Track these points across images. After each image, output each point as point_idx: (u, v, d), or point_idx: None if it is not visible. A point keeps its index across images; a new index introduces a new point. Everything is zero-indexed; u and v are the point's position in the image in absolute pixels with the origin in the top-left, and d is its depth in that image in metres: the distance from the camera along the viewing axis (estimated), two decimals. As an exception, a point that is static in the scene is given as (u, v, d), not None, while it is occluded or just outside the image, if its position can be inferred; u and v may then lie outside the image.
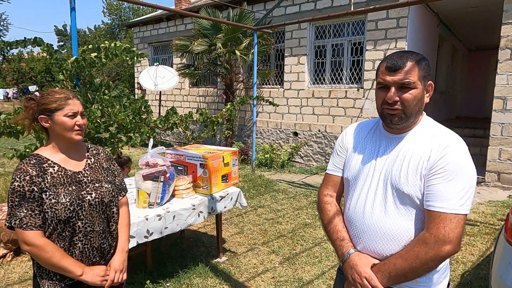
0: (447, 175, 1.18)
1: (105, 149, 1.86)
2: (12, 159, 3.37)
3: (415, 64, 1.23)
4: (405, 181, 1.24)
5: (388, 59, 1.27)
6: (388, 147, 1.34)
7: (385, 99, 1.25)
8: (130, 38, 27.17)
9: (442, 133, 1.28)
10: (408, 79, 1.22)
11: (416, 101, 1.24)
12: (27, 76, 22.81)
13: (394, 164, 1.29)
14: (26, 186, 1.46)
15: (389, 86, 1.25)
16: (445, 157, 1.20)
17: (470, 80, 13.44)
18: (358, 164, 1.40)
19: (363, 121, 1.54)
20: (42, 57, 22.94)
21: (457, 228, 1.16)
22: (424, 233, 1.19)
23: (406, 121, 1.27)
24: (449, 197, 1.17)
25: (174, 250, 3.77)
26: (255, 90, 7.29)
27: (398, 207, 1.26)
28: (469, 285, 3.15)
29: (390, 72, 1.24)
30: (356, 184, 1.39)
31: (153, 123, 4.08)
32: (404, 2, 4.88)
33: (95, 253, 1.64)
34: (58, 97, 1.56)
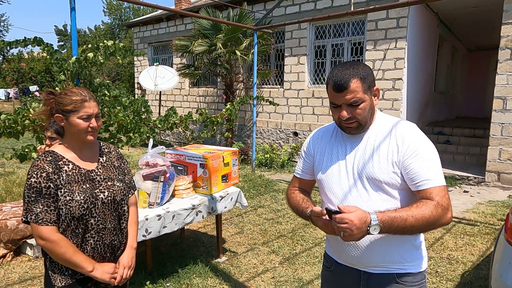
0: (420, 157, 1.33)
1: (116, 147, 1.89)
2: (11, 160, 3.37)
3: (357, 80, 1.33)
4: (378, 170, 1.37)
5: (333, 78, 1.36)
6: (354, 145, 1.47)
7: (339, 116, 1.38)
8: (130, 38, 27.17)
9: (399, 124, 1.43)
10: (355, 97, 1.34)
11: (367, 111, 1.38)
12: (27, 76, 22.80)
13: (365, 158, 1.41)
14: (42, 183, 1.50)
15: (339, 106, 1.37)
16: (412, 144, 1.35)
17: (470, 80, 13.44)
18: (331, 164, 1.51)
19: (322, 127, 1.66)
20: (42, 57, 22.93)
21: (448, 197, 1.33)
22: (431, 201, 1.28)
23: (362, 128, 1.41)
24: (432, 173, 1.32)
25: (174, 250, 3.77)
26: (255, 90, 7.29)
27: (380, 194, 1.39)
28: (469, 285, 3.15)
29: (337, 92, 1.35)
30: (332, 182, 1.49)
31: (153, 123, 4.08)
32: (404, 2, 4.88)
33: (106, 250, 1.68)
34: (74, 99, 1.58)
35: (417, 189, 1.34)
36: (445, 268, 3.41)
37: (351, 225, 1.21)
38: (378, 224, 1.24)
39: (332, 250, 1.59)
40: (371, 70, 1.41)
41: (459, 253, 3.74)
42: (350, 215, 1.22)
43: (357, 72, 1.35)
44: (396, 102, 7.35)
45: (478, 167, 7.08)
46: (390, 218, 1.25)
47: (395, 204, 1.39)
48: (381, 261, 1.42)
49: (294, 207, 1.60)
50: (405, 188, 1.39)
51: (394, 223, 1.25)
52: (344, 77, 1.34)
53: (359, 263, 1.46)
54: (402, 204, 1.38)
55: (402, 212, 1.27)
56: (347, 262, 1.51)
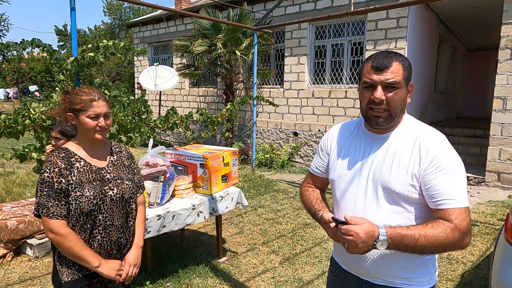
0: (445, 173, 1.21)
1: (126, 147, 1.94)
2: (11, 160, 3.36)
3: (400, 64, 1.25)
4: (396, 180, 1.26)
5: (374, 58, 1.27)
6: (373, 147, 1.36)
7: (372, 98, 1.26)
8: (130, 38, 27.17)
9: (427, 132, 1.30)
10: (395, 78, 1.24)
11: (400, 101, 1.27)
12: (27, 76, 22.79)
13: (383, 164, 1.30)
14: (55, 178, 1.55)
15: (375, 86, 1.25)
16: (437, 157, 1.22)
17: (470, 80, 13.44)
18: (344, 165, 1.41)
19: (345, 122, 1.55)
20: (42, 57, 22.93)
21: (469, 221, 1.22)
22: (449, 224, 1.19)
23: (391, 121, 1.29)
24: (456, 192, 1.21)
25: (174, 250, 3.77)
26: (255, 90, 7.29)
27: (392, 206, 1.29)
28: (469, 285, 3.15)
29: (377, 71, 1.25)
30: (343, 185, 1.40)
31: (153, 123, 4.08)
32: (404, 2, 4.88)
33: (112, 246, 1.72)
34: (83, 98, 1.64)
35: (436, 207, 1.23)
36: (445, 268, 3.41)
37: (356, 238, 1.15)
38: (386, 240, 1.16)
39: (337, 254, 1.54)
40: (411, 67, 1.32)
41: (459, 253, 3.74)
42: (356, 227, 1.15)
43: (400, 58, 1.28)
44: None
45: (478, 167, 7.08)
46: (400, 236, 1.17)
47: (408, 220, 1.28)
48: (385, 274, 1.33)
49: (306, 206, 1.54)
50: (422, 203, 1.28)
51: (403, 241, 1.17)
52: (387, 57, 1.25)
53: (362, 272, 1.39)
54: (417, 220, 1.28)
55: (414, 231, 1.18)
56: (350, 268, 1.45)
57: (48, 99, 3.60)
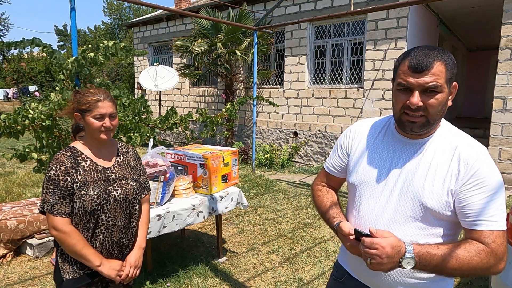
0: (484, 190, 1.09)
1: (133, 148, 1.95)
2: (11, 160, 3.36)
3: (442, 64, 1.08)
4: (429, 194, 1.13)
5: (412, 56, 1.10)
6: (404, 154, 1.20)
7: (407, 103, 1.11)
8: (130, 38, 27.17)
9: (467, 143, 1.16)
10: (436, 82, 1.07)
11: (441, 106, 1.12)
12: (27, 76, 22.79)
13: (416, 174, 1.16)
14: (60, 176, 1.57)
15: (412, 89, 1.10)
16: (478, 173, 1.09)
17: (470, 80, 13.43)
18: (369, 169, 1.26)
19: (370, 120, 1.38)
20: (42, 57, 22.93)
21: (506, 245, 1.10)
22: (485, 247, 1.07)
23: (427, 128, 1.14)
24: (493, 214, 1.08)
25: (174, 250, 3.77)
26: (255, 90, 7.29)
27: (418, 220, 1.16)
28: (469, 285, 3.15)
29: (415, 73, 1.08)
30: (365, 192, 1.26)
31: (153, 123, 4.08)
32: (404, 2, 4.88)
33: (114, 246, 1.73)
34: (88, 99, 1.65)
35: (470, 227, 1.10)
36: (445, 268, 3.41)
37: (382, 253, 1.04)
38: (413, 258, 1.05)
39: (347, 260, 1.40)
40: (456, 62, 1.14)
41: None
42: (382, 240, 1.04)
43: (443, 56, 1.09)
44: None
45: (478, 167, 7.07)
46: (429, 255, 1.05)
47: (434, 237, 1.16)
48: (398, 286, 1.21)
49: (320, 209, 1.41)
50: (452, 221, 1.16)
51: (432, 262, 1.06)
52: (428, 56, 1.08)
53: (376, 284, 1.27)
54: (443, 239, 1.17)
55: (445, 251, 1.06)
56: (362, 279, 1.32)
57: (48, 99, 3.59)
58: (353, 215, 1.31)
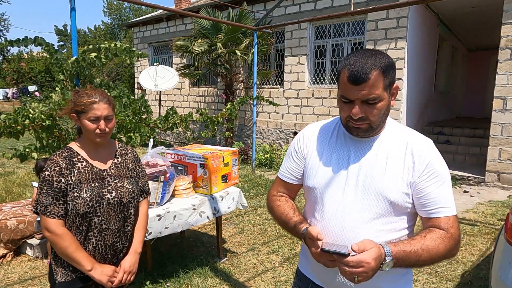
0: (437, 180, 1.17)
1: (133, 149, 1.90)
2: (12, 159, 3.36)
3: (380, 73, 1.10)
4: (391, 188, 1.17)
5: (350, 66, 1.11)
6: (359, 153, 1.24)
7: (350, 114, 1.15)
8: (130, 38, 27.17)
9: (417, 137, 1.23)
10: (373, 94, 1.10)
11: (383, 112, 1.16)
12: (27, 76, 22.79)
13: (375, 171, 1.19)
14: (55, 177, 1.55)
15: (353, 101, 1.14)
16: (431, 164, 1.17)
17: (470, 80, 13.44)
18: (328, 171, 1.27)
19: (320, 123, 1.40)
20: (42, 57, 22.93)
21: (459, 228, 1.20)
22: (445, 233, 1.15)
23: (372, 132, 1.20)
24: (447, 200, 1.17)
25: (174, 250, 3.77)
26: (255, 90, 7.29)
27: (384, 216, 1.19)
28: (469, 285, 3.15)
29: (354, 85, 1.11)
30: (327, 194, 1.25)
31: (153, 123, 4.08)
32: (404, 2, 4.88)
33: (107, 250, 1.69)
34: (83, 101, 1.61)
35: (428, 216, 1.18)
36: (445, 268, 3.41)
37: (368, 269, 1.02)
38: (392, 260, 1.07)
39: (310, 268, 1.37)
40: (394, 64, 1.17)
41: (459, 253, 3.75)
42: (367, 257, 1.02)
43: (380, 62, 1.11)
44: (396, 102, 7.36)
45: (478, 167, 7.08)
46: (404, 253, 1.09)
47: (401, 231, 1.22)
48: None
49: (280, 218, 1.35)
50: (410, 212, 1.22)
51: (407, 259, 1.09)
52: (364, 67, 1.09)
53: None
54: (406, 230, 1.23)
55: (416, 246, 1.10)
56: (327, 285, 1.31)
57: (48, 99, 3.58)
58: (317, 219, 1.28)
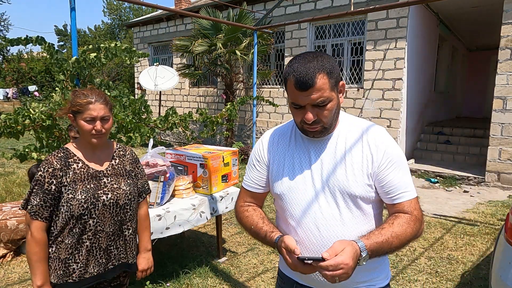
0: (396, 166, 1.21)
1: (132, 150, 1.88)
2: (12, 159, 3.36)
3: (324, 75, 1.11)
4: (354, 183, 1.20)
5: (295, 72, 1.12)
6: (319, 151, 1.26)
7: (303, 118, 1.16)
8: (130, 38, 27.17)
9: (370, 127, 1.26)
10: (321, 97, 1.12)
11: (334, 111, 1.18)
12: (27, 76, 22.79)
13: (336, 168, 1.22)
14: (46, 178, 1.54)
15: (303, 106, 1.15)
16: (387, 152, 1.21)
17: (470, 80, 13.44)
18: (293, 175, 1.28)
19: (276, 129, 1.41)
20: (42, 57, 22.93)
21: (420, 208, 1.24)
22: (410, 216, 1.19)
23: (327, 132, 1.22)
24: (407, 184, 1.22)
25: (174, 250, 3.77)
26: (255, 90, 7.29)
27: (353, 210, 1.22)
28: (469, 285, 3.15)
29: (301, 91, 1.12)
30: (296, 198, 1.26)
31: (153, 123, 4.07)
32: (404, 2, 4.87)
33: (102, 254, 1.66)
34: (79, 101, 1.59)
35: (392, 202, 1.22)
36: (445, 268, 3.41)
37: (348, 269, 1.03)
38: (368, 254, 1.09)
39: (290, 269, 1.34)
40: (336, 62, 1.19)
41: (459, 253, 3.74)
42: (344, 258, 1.03)
43: (323, 65, 1.12)
44: (396, 102, 7.35)
45: (478, 167, 7.08)
46: (378, 245, 1.11)
47: (369, 222, 1.25)
48: (351, 283, 1.21)
49: (250, 228, 1.35)
50: (376, 201, 1.25)
51: (381, 250, 1.12)
52: (308, 72, 1.10)
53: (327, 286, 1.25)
54: (374, 219, 1.26)
55: (387, 234, 1.13)
56: (309, 283, 1.32)
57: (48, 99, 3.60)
58: (292, 225, 1.28)
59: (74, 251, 1.60)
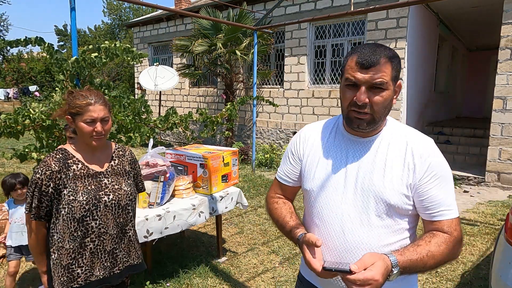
0: (440, 181, 1.14)
1: (131, 150, 1.88)
2: (12, 159, 3.36)
3: (389, 61, 1.10)
4: (391, 191, 1.13)
5: (360, 52, 1.10)
6: (358, 153, 1.20)
7: (354, 100, 1.11)
8: (130, 38, 27.17)
9: (417, 137, 1.19)
10: (382, 78, 1.08)
11: (386, 104, 1.12)
12: (27, 76, 22.79)
13: (374, 173, 1.16)
14: (44, 180, 1.54)
15: (359, 85, 1.09)
16: (432, 165, 1.14)
17: (470, 80, 13.44)
18: (325, 173, 1.23)
19: (316, 123, 1.36)
20: (42, 57, 22.93)
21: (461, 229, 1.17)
22: (449, 237, 1.12)
23: (374, 125, 1.15)
24: (450, 202, 1.15)
25: (174, 250, 3.77)
26: (255, 90, 7.29)
27: (383, 219, 1.15)
28: (469, 285, 3.15)
29: (362, 68, 1.08)
30: (326, 197, 1.22)
31: (153, 123, 4.08)
32: (404, 2, 4.87)
33: (106, 257, 1.65)
34: (78, 103, 1.57)
35: (431, 219, 1.15)
36: (445, 268, 3.41)
37: (377, 285, 0.98)
38: (399, 271, 1.04)
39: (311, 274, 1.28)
40: (401, 63, 1.15)
41: (459, 253, 3.74)
42: (374, 273, 0.97)
43: (390, 54, 1.10)
44: (396, 102, 7.34)
45: (478, 167, 7.08)
46: (411, 262, 1.06)
47: (400, 235, 1.18)
48: None
49: (277, 221, 1.35)
50: (412, 215, 1.18)
51: (414, 267, 1.07)
52: (375, 53, 1.08)
53: None
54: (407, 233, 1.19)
55: (422, 253, 1.07)
56: None
57: (48, 99, 3.59)
58: (316, 224, 1.25)
59: (77, 256, 1.58)
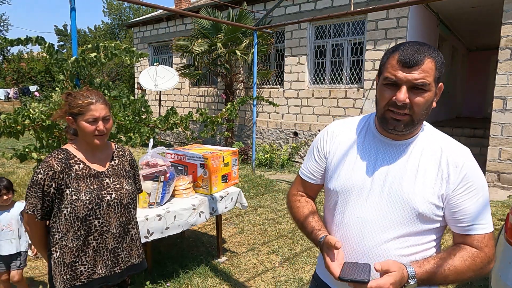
0: (475, 194, 1.08)
1: (130, 150, 1.90)
2: (12, 159, 3.36)
3: (433, 62, 1.03)
4: (421, 199, 1.07)
5: (402, 50, 1.03)
6: (388, 157, 1.13)
7: (392, 99, 1.04)
8: (130, 38, 27.17)
9: (453, 146, 1.13)
10: (425, 79, 1.01)
11: (427, 105, 1.05)
12: (27, 76, 22.79)
13: (404, 178, 1.09)
14: (46, 181, 1.55)
15: (399, 84, 1.03)
16: (468, 176, 1.08)
17: (470, 80, 13.43)
18: (351, 174, 1.17)
19: (345, 120, 1.30)
20: (42, 57, 22.92)
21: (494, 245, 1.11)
22: (478, 252, 1.07)
23: (411, 128, 1.08)
24: (485, 216, 1.09)
25: (174, 250, 3.77)
26: (255, 90, 7.29)
27: (407, 227, 1.09)
28: (469, 285, 3.15)
29: (404, 67, 1.01)
30: (349, 199, 1.17)
31: (153, 123, 4.07)
32: (404, 2, 4.87)
33: (108, 256, 1.66)
34: (80, 102, 1.59)
35: (463, 232, 1.09)
36: (445, 268, 3.41)
37: None
38: (416, 283, 1.01)
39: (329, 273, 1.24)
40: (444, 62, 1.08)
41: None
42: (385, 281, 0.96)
43: (434, 54, 1.04)
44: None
45: (478, 167, 7.07)
46: (430, 275, 1.02)
47: (425, 244, 1.12)
48: None
49: (299, 220, 1.30)
50: (441, 225, 1.13)
51: (432, 280, 1.03)
52: (419, 52, 1.01)
53: None
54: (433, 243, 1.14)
55: (444, 266, 1.02)
56: None
57: (48, 99, 3.59)
58: (336, 224, 1.21)
59: (80, 253, 1.60)
